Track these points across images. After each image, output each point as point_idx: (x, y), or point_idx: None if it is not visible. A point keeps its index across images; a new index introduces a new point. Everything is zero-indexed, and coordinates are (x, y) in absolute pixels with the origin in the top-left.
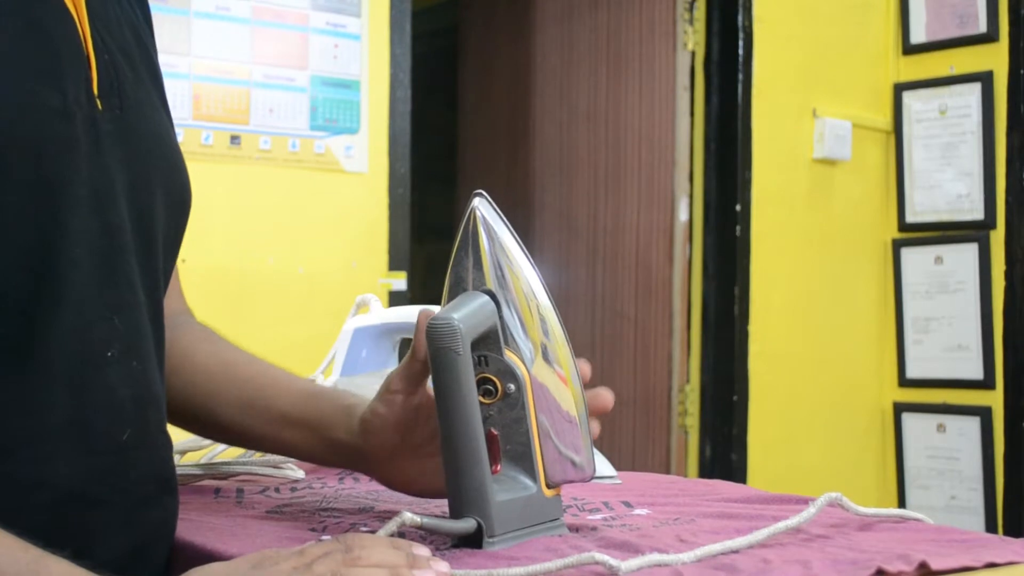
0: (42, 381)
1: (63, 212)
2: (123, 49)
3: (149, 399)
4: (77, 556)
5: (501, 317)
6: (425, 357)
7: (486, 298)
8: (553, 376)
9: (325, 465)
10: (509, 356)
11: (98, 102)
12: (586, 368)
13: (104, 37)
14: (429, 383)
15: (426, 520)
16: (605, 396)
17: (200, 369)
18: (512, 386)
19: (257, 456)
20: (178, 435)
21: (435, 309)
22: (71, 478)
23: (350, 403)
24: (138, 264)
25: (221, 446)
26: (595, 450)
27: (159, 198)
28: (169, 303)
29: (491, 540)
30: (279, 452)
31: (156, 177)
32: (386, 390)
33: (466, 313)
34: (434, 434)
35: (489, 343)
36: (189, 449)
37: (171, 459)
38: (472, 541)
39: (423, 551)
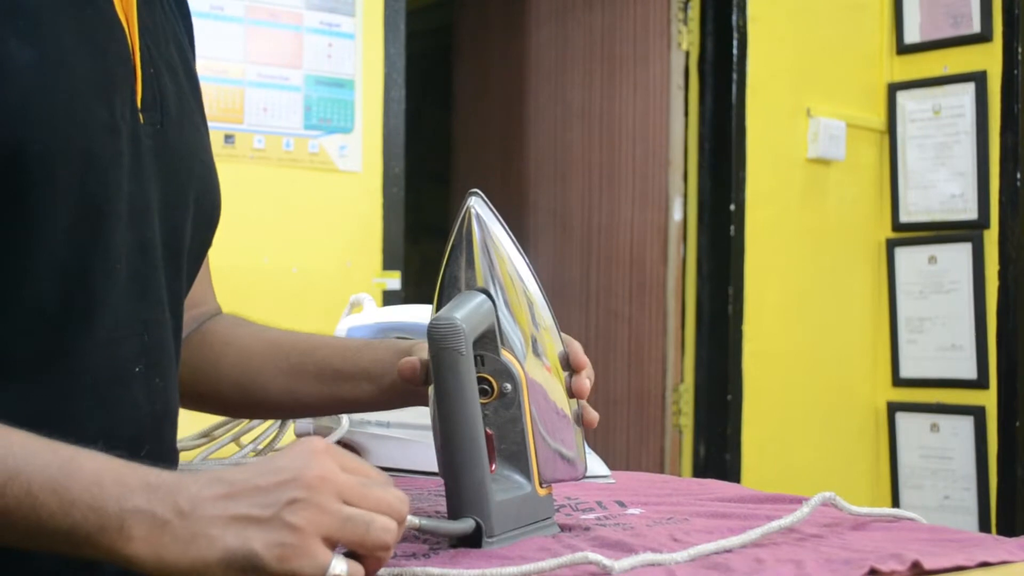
0: (71, 394)
1: (103, 227)
2: (167, 62)
3: (166, 416)
4: (66, 566)
5: (497, 316)
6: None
7: (483, 297)
8: (544, 371)
9: (386, 408)
10: (505, 355)
11: (140, 116)
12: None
13: (151, 49)
14: None
15: (425, 522)
16: (581, 381)
17: (243, 352)
18: (508, 386)
19: (251, 456)
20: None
21: None
22: None
23: (404, 347)
24: (165, 281)
25: (216, 444)
26: (588, 449)
27: (189, 215)
28: (207, 304)
29: (490, 540)
30: (336, 409)
31: (189, 194)
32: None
33: (467, 313)
34: None
35: (486, 343)
36: (184, 448)
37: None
38: (471, 541)
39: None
